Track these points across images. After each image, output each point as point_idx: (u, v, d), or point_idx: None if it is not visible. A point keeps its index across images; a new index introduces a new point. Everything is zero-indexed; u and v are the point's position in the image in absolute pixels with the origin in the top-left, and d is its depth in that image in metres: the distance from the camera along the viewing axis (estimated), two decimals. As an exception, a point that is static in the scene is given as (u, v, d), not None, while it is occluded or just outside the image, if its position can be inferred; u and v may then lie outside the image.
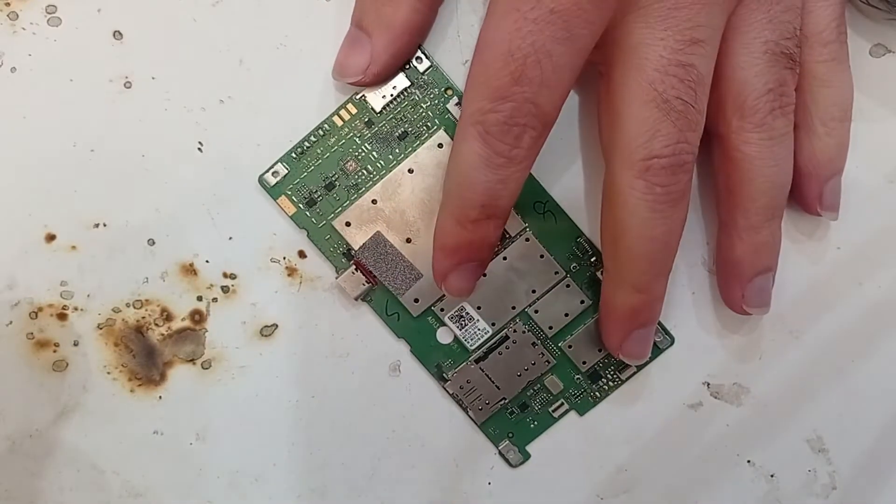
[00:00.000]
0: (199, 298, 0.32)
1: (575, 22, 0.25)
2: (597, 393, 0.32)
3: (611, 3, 0.26)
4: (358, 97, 0.30)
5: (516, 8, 0.25)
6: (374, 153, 0.31)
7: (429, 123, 0.31)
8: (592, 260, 0.31)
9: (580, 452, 0.32)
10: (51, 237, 0.31)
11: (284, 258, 0.32)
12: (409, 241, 0.31)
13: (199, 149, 0.31)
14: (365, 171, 0.31)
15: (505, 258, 0.31)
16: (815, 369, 0.32)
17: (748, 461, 0.32)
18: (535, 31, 0.25)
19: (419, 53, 0.30)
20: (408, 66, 0.30)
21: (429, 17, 0.30)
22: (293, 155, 0.31)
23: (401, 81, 0.30)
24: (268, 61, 0.31)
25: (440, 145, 0.31)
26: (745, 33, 0.28)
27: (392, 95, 0.30)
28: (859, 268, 0.32)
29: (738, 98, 0.28)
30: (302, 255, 0.32)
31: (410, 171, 0.31)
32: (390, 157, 0.31)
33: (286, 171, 0.31)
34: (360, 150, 0.31)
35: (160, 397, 0.32)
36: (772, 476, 0.32)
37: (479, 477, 0.32)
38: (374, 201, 0.31)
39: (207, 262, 0.31)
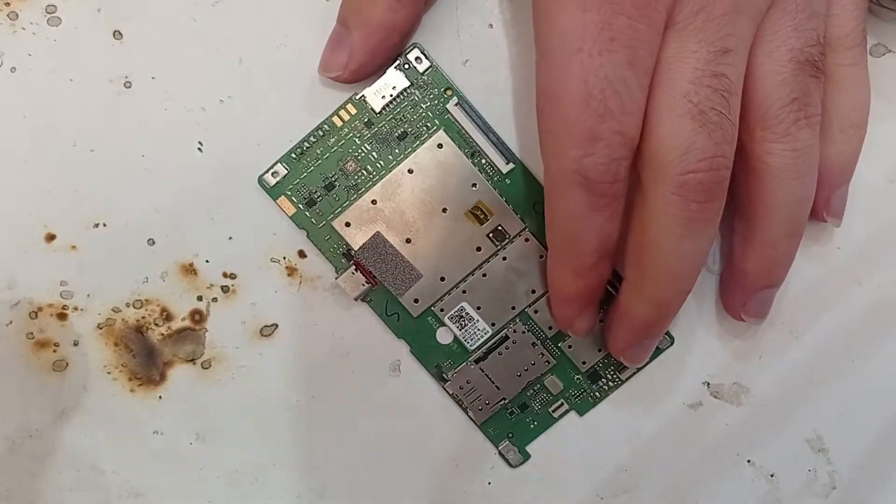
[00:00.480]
0: (199, 298, 0.32)
1: (636, 45, 0.25)
2: (597, 393, 0.32)
3: (660, 20, 0.26)
4: (358, 97, 0.30)
5: (578, 48, 0.25)
6: (374, 153, 0.31)
7: (428, 124, 0.31)
8: (592, 260, 0.31)
9: (580, 452, 0.32)
10: (51, 237, 0.31)
11: (284, 258, 0.32)
12: (408, 241, 0.31)
13: (199, 149, 0.31)
14: (364, 172, 0.31)
15: (505, 258, 0.31)
16: (815, 369, 0.32)
17: (748, 461, 0.32)
18: (605, 64, 0.25)
19: (419, 54, 0.30)
20: (406, 66, 0.30)
21: (408, 18, 0.29)
22: (293, 155, 0.31)
23: (401, 81, 0.30)
24: (268, 61, 0.31)
25: (440, 146, 0.30)
26: (770, 41, 0.27)
27: (392, 96, 0.30)
28: (859, 268, 0.32)
29: (762, 107, 0.27)
30: (302, 255, 0.32)
31: (410, 171, 0.31)
32: (390, 157, 0.31)
33: (286, 172, 0.31)
34: (359, 151, 0.31)
35: (160, 397, 0.32)
36: (772, 476, 0.32)
37: (479, 477, 0.33)
38: (373, 202, 0.31)
39: (207, 262, 0.31)
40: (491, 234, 0.31)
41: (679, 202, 0.26)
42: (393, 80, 0.30)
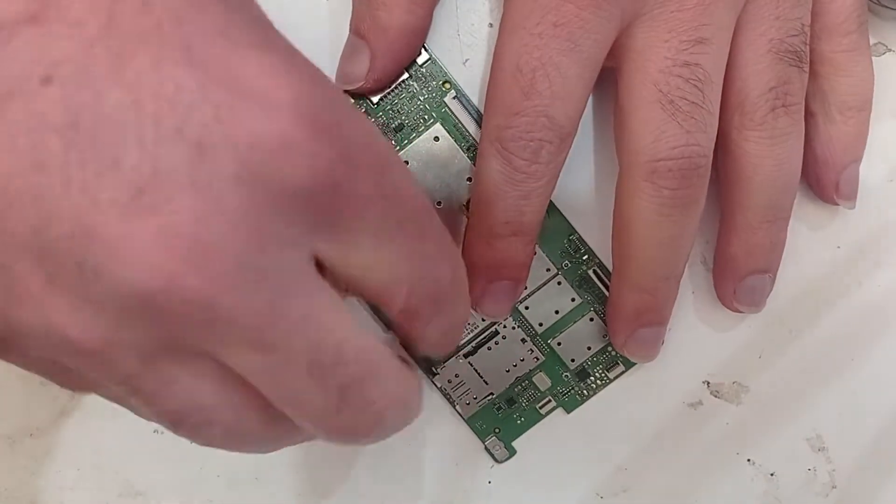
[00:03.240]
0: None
1: (578, 33, 0.26)
2: (584, 391, 0.32)
3: (613, 12, 0.26)
4: (355, 88, 0.31)
5: (522, 25, 0.26)
6: (372, 146, 0.31)
7: (426, 116, 0.31)
8: (584, 258, 0.31)
9: (580, 451, 0.32)
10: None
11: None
12: (405, 234, 0.31)
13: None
14: (362, 164, 0.31)
15: (498, 253, 0.31)
16: (814, 368, 0.32)
17: (748, 460, 0.32)
18: (541, 46, 0.26)
19: (417, 47, 0.30)
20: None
21: (425, 19, 0.30)
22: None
23: (398, 73, 0.31)
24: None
25: (436, 138, 0.31)
26: (752, 30, 0.28)
27: (389, 87, 0.30)
28: (859, 267, 0.32)
29: (740, 95, 0.28)
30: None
31: (406, 163, 0.31)
32: (387, 149, 0.31)
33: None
34: (357, 144, 0.31)
35: (159, 393, 0.32)
36: (771, 475, 0.32)
37: (479, 476, 0.32)
38: (371, 194, 0.31)
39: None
40: (485, 229, 0.31)
41: (650, 189, 0.27)
42: (391, 74, 0.30)
